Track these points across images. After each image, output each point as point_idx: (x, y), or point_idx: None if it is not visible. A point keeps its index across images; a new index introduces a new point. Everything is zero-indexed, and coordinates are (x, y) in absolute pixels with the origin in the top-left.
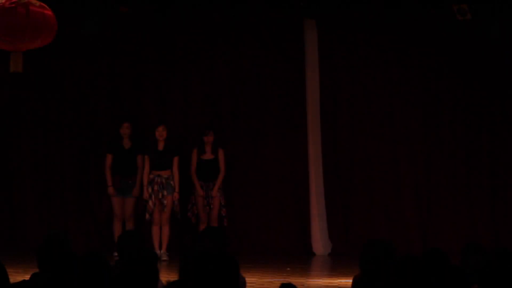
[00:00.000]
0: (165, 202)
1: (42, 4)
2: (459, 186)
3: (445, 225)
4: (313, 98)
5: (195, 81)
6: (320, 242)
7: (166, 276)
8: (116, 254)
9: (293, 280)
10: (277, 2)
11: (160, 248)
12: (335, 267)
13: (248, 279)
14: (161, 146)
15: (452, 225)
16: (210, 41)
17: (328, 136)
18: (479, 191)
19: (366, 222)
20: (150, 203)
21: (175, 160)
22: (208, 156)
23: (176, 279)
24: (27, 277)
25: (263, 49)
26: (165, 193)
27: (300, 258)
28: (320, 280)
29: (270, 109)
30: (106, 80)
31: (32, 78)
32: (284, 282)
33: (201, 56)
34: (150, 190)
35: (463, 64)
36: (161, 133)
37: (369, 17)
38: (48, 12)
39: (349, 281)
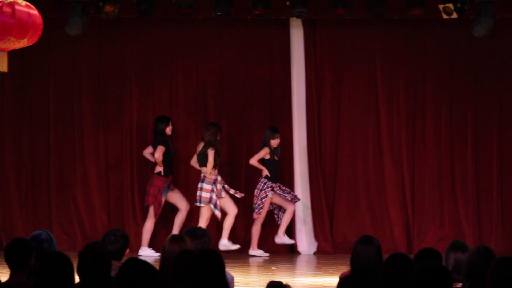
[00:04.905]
0: None
1: (28, 4)
2: (443, 183)
3: (429, 223)
4: (299, 97)
5: (180, 79)
6: (305, 241)
7: None
8: None
9: (279, 279)
10: (263, 0)
11: None
12: (320, 266)
13: (231, 274)
14: None
15: (436, 223)
16: (195, 39)
17: (313, 134)
18: (464, 189)
19: (351, 220)
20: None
21: None
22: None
23: None
24: None
25: (249, 47)
26: None
27: (285, 257)
28: (306, 279)
29: (256, 108)
30: (91, 79)
31: (16, 77)
32: (269, 280)
33: (187, 54)
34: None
35: (448, 62)
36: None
37: (354, 16)
38: (34, 11)
39: (334, 279)
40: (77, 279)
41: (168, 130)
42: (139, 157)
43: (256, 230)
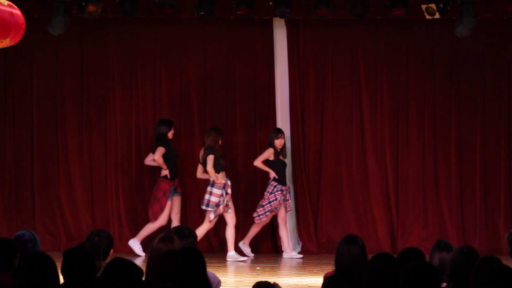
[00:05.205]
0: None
1: (10, 3)
2: (427, 183)
3: (413, 223)
4: (282, 97)
5: (164, 79)
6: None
7: None
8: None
9: (263, 279)
10: (246, 0)
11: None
12: (305, 266)
13: (218, 278)
14: None
15: (420, 223)
16: (178, 39)
17: (297, 134)
18: (447, 189)
19: (335, 220)
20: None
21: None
22: None
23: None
24: None
25: (232, 47)
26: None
27: (270, 257)
28: (290, 279)
29: (239, 108)
30: (74, 79)
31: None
32: (254, 281)
33: (170, 53)
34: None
35: (431, 62)
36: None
37: (337, 16)
38: (17, 11)
39: (318, 279)
40: (61, 279)
41: (170, 134)
42: (123, 156)
43: (255, 229)
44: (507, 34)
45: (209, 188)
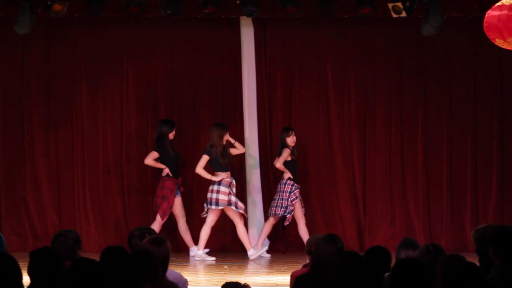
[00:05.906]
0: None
1: None
2: (394, 182)
3: (380, 221)
4: (250, 96)
5: (131, 78)
6: (257, 239)
7: None
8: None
9: (231, 278)
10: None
11: None
12: (273, 264)
13: (184, 277)
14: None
15: (387, 221)
16: (145, 38)
17: (264, 133)
18: (414, 187)
19: None
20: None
21: None
22: None
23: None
24: None
25: (199, 46)
26: None
27: (237, 256)
28: (258, 278)
29: (207, 107)
30: (40, 78)
31: None
32: (222, 280)
33: (137, 53)
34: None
35: (398, 61)
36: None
37: (304, 15)
38: None
39: (286, 278)
40: (25, 280)
41: (171, 135)
42: (90, 156)
43: (304, 232)
44: (473, 33)
45: (215, 187)
